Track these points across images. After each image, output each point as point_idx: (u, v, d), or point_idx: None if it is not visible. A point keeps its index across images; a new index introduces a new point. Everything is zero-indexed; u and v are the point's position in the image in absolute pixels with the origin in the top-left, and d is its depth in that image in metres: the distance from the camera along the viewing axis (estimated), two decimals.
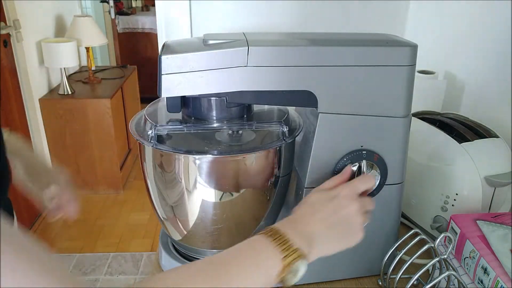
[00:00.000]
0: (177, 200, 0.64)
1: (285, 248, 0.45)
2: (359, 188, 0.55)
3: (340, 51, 0.57)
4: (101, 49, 3.96)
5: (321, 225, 0.50)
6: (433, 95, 1.09)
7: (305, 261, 0.46)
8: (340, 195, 0.53)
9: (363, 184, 0.56)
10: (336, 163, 0.63)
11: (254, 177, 0.62)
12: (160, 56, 0.54)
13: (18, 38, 2.19)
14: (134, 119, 0.66)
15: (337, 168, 0.63)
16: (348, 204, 0.52)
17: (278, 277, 0.45)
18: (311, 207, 0.53)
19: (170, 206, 0.65)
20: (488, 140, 0.78)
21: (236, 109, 0.63)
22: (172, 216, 0.66)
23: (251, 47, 0.55)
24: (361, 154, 0.62)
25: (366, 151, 0.62)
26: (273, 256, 0.45)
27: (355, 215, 0.52)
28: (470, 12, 1.07)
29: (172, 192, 0.63)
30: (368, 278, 0.72)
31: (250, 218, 0.66)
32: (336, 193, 0.53)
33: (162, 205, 0.66)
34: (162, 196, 0.64)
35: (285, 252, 0.45)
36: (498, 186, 0.75)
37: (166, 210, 0.66)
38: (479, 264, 0.63)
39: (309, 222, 0.50)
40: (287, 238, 0.46)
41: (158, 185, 0.64)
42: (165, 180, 0.63)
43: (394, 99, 0.61)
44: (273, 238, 0.46)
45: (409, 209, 0.87)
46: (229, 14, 1.29)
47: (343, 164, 0.62)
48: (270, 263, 0.44)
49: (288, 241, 0.46)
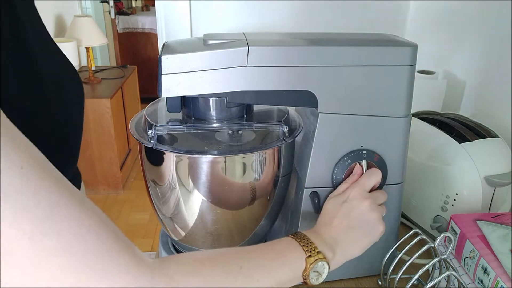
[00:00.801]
0: (177, 200, 0.64)
1: (309, 249, 0.49)
2: (366, 185, 0.58)
3: (340, 51, 0.57)
4: (101, 49, 3.95)
5: (339, 230, 0.53)
6: (433, 95, 1.09)
7: (327, 265, 0.49)
8: (349, 197, 0.56)
9: (370, 180, 0.59)
10: (336, 163, 0.63)
11: (254, 177, 0.62)
12: (160, 56, 0.54)
13: None
14: (134, 119, 0.66)
15: (337, 168, 0.63)
16: (359, 204, 0.55)
17: (303, 275, 0.48)
18: (327, 216, 0.56)
19: (170, 206, 0.65)
20: (488, 140, 0.78)
21: (236, 109, 0.63)
22: (172, 216, 0.66)
23: (251, 47, 0.55)
24: (361, 154, 0.62)
25: (366, 151, 0.62)
26: (299, 254, 0.48)
27: (369, 211, 0.55)
28: (470, 12, 1.07)
29: (172, 192, 0.63)
30: (368, 278, 0.72)
31: (250, 218, 0.66)
32: (346, 197, 0.57)
33: (162, 205, 0.66)
34: (162, 196, 0.64)
35: (309, 253, 0.48)
36: (498, 186, 0.75)
37: (166, 210, 0.66)
38: (479, 264, 0.63)
39: (328, 231, 0.54)
40: (311, 241, 0.50)
41: (158, 185, 0.64)
42: (165, 180, 0.63)
43: (394, 99, 0.61)
44: (299, 240, 0.50)
45: (409, 209, 0.87)
46: (229, 14, 1.29)
47: (343, 164, 0.62)
48: (296, 261, 0.48)
49: (312, 244, 0.49)
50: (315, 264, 0.48)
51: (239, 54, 0.55)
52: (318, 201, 0.64)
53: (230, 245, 0.67)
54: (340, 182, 0.63)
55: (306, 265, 0.48)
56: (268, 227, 0.71)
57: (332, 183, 0.63)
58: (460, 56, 1.12)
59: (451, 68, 1.15)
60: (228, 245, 0.67)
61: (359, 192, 0.57)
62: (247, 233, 0.67)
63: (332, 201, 0.58)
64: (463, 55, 1.11)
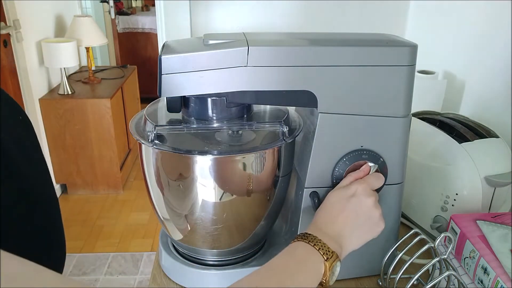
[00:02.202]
0: (177, 200, 0.64)
1: (325, 252, 0.49)
2: (374, 184, 0.59)
3: (340, 51, 0.57)
4: (101, 49, 3.96)
5: (345, 225, 0.54)
6: (433, 95, 1.09)
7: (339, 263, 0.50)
8: (358, 192, 0.56)
9: (377, 181, 0.60)
10: (336, 163, 0.63)
11: (254, 177, 0.62)
12: (160, 56, 0.54)
13: (18, 38, 2.19)
14: (134, 119, 0.66)
15: (337, 168, 0.63)
16: (366, 200, 0.56)
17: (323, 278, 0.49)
18: (332, 209, 0.56)
19: (170, 206, 0.65)
20: (488, 140, 0.78)
21: (236, 109, 0.63)
22: (172, 216, 0.66)
23: (251, 47, 0.55)
24: (361, 154, 0.62)
25: (366, 151, 0.62)
26: (319, 260, 0.49)
27: (374, 208, 0.56)
28: (470, 12, 1.07)
29: (172, 192, 0.63)
30: (368, 278, 0.72)
31: (250, 218, 0.66)
32: (354, 191, 0.57)
33: (162, 205, 0.66)
34: (162, 196, 0.64)
35: (325, 256, 0.49)
36: (498, 186, 0.75)
37: (166, 210, 0.65)
38: (479, 264, 0.63)
39: (335, 225, 0.54)
40: (324, 243, 0.50)
41: (158, 185, 0.64)
42: (165, 180, 0.63)
43: (394, 99, 0.61)
44: (313, 244, 0.50)
45: (409, 209, 0.87)
46: (229, 14, 1.29)
47: (343, 164, 0.62)
48: (317, 266, 0.48)
49: (325, 245, 0.50)
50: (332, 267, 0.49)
51: (239, 54, 0.55)
52: (318, 201, 0.64)
53: (230, 245, 0.68)
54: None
55: (326, 269, 0.48)
56: (268, 227, 0.71)
57: (332, 183, 0.63)
58: (460, 56, 1.12)
59: (451, 68, 1.15)
60: (228, 245, 0.67)
61: (367, 188, 0.57)
62: (247, 233, 0.67)
63: (337, 194, 0.57)
64: (463, 55, 1.11)
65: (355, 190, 0.57)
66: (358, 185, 0.57)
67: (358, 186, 0.57)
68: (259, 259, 0.71)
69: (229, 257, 0.69)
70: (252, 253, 0.71)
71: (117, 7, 4.06)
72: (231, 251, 0.69)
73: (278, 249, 0.72)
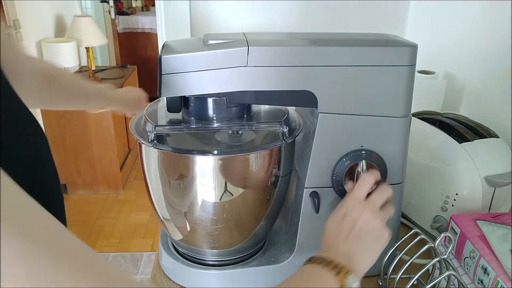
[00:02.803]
0: (177, 200, 0.64)
1: (333, 266, 0.49)
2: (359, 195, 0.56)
3: (340, 51, 0.57)
4: (101, 49, 3.95)
5: (348, 246, 0.53)
6: (433, 95, 1.09)
7: (356, 276, 0.49)
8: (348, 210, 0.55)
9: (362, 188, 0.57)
10: (336, 163, 0.63)
11: (254, 177, 0.62)
12: (160, 56, 0.54)
13: (18, 38, 2.19)
14: (134, 119, 0.66)
15: (337, 168, 0.63)
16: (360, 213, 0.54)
17: None
18: (331, 234, 0.55)
19: (170, 206, 0.65)
20: (488, 140, 0.78)
21: (236, 109, 0.63)
22: (172, 216, 0.66)
23: (251, 47, 0.55)
24: (361, 154, 0.62)
25: (366, 151, 0.62)
26: (330, 277, 0.48)
27: (371, 220, 0.54)
28: (470, 12, 1.07)
29: (172, 192, 0.63)
30: (368, 278, 0.72)
31: (250, 218, 0.66)
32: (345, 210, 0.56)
33: (162, 205, 0.66)
34: (162, 196, 0.64)
35: (335, 270, 0.48)
36: (498, 186, 0.75)
37: (166, 210, 0.66)
38: (479, 264, 0.63)
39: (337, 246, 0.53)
40: (331, 260, 0.50)
41: (158, 185, 0.64)
42: (164, 180, 0.63)
43: (394, 99, 0.61)
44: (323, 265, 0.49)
45: (409, 209, 0.87)
46: (229, 14, 1.29)
47: (343, 164, 0.62)
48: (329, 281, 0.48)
49: (333, 261, 0.49)
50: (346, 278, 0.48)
51: (239, 54, 0.55)
52: (318, 201, 0.64)
53: (230, 245, 0.68)
54: (340, 182, 0.63)
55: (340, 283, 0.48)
56: (268, 227, 0.71)
57: (332, 183, 0.63)
58: (460, 56, 1.12)
59: (451, 68, 1.15)
60: (228, 245, 0.67)
61: (355, 202, 0.56)
62: (247, 233, 0.67)
63: (332, 218, 0.57)
64: (463, 55, 1.11)
65: (346, 208, 0.55)
66: (347, 202, 0.56)
67: (348, 203, 0.56)
68: (259, 259, 0.71)
69: (229, 257, 0.69)
70: (252, 253, 0.71)
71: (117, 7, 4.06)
72: (231, 251, 0.69)
73: (278, 249, 0.72)
